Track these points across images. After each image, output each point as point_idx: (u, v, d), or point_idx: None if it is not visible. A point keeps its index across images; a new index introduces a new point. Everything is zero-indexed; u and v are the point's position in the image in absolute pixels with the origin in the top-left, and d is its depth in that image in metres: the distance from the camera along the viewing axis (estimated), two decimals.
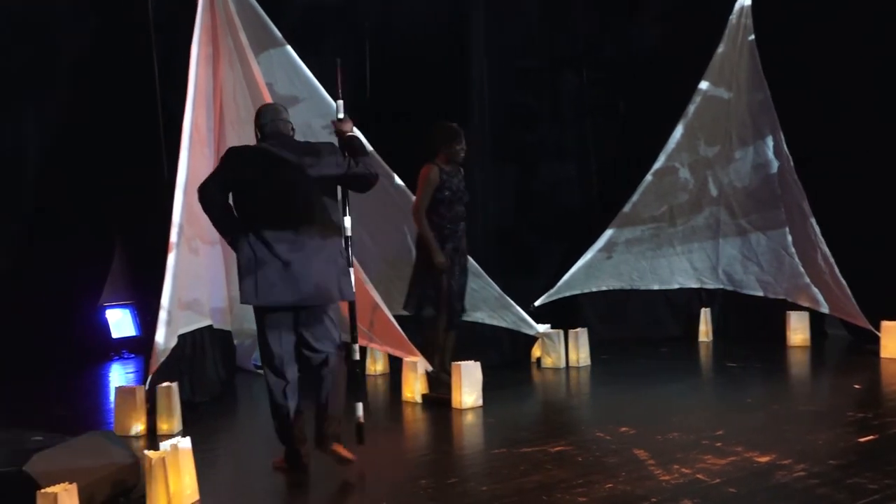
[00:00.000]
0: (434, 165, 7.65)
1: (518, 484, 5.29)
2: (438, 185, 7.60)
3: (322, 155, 5.65)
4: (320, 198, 5.63)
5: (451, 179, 7.67)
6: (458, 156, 7.70)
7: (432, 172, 7.61)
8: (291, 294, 5.47)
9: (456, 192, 7.70)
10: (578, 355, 8.85)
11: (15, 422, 6.97)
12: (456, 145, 7.67)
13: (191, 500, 5.05)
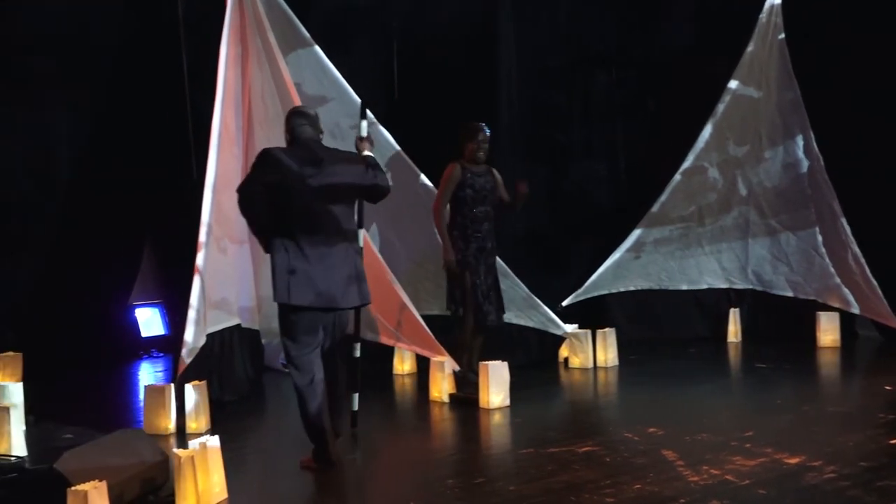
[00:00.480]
0: (457, 164, 7.68)
1: (546, 484, 5.28)
2: (460, 182, 7.62)
3: (349, 162, 5.84)
4: (346, 202, 5.82)
5: (476, 179, 7.68)
6: (477, 153, 7.70)
7: (454, 171, 7.65)
8: (324, 296, 5.60)
9: (479, 192, 7.69)
10: (606, 355, 8.82)
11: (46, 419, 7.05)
12: (473, 142, 7.68)
13: (219, 499, 5.07)
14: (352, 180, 5.77)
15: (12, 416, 6.17)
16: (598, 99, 10.87)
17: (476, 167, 7.72)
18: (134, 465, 5.07)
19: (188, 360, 7.03)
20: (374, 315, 8.20)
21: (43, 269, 9.18)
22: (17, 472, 5.63)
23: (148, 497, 5.12)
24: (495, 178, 7.85)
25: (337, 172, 5.70)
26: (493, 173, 7.86)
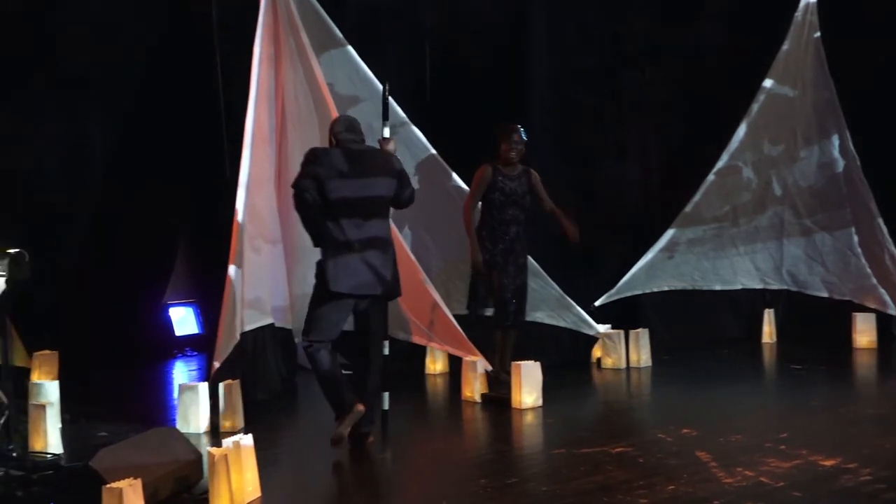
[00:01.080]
0: (489, 165, 7.70)
1: (578, 485, 5.26)
2: (490, 185, 7.65)
3: (385, 165, 6.28)
4: (385, 201, 6.26)
5: (508, 182, 7.68)
6: (509, 153, 7.70)
7: (485, 172, 7.68)
8: (367, 285, 6.09)
9: (509, 196, 7.69)
10: (639, 356, 8.79)
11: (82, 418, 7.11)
12: (505, 144, 7.70)
13: (252, 497, 5.09)
14: (384, 192, 6.24)
15: (48, 414, 6.22)
16: (630, 99, 10.81)
17: (510, 170, 7.72)
18: (168, 463, 5.10)
19: (221, 359, 7.07)
20: (407, 315, 8.21)
21: (78, 268, 9.24)
22: (54, 470, 5.66)
23: (182, 495, 5.15)
24: (531, 181, 7.83)
25: (370, 184, 6.16)
26: (530, 175, 7.85)
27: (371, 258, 6.09)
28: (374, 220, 6.15)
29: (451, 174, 8.49)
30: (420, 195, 8.48)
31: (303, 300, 8.43)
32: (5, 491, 5.29)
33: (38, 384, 7.08)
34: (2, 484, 5.39)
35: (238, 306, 7.40)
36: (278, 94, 8.18)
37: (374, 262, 6.11)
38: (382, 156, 6.37)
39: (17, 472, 5.56)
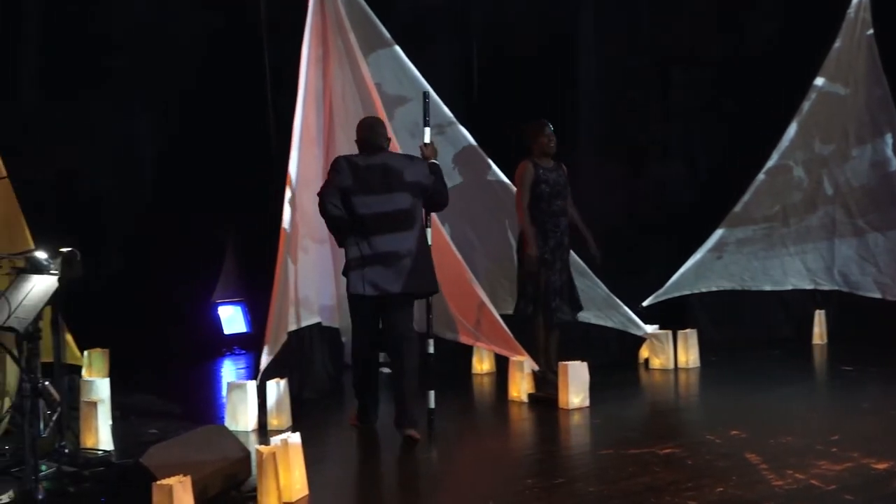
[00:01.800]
0: (528, 161, 7.73)
1: (626, 486, 5.23)
2: (534, 180, 7.65)
3: (413, 164, 6.54)
4: (413, 204, 6.46)
5: (549, 174, 7.71)
6: (549, 146, 7.74)
7: (527, 168, 7.72)
8: (379, 286, 6.32)
9: (554, 186, 7.73)
10: (688, 357, 8.72)
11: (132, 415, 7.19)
12: (542, 137, 7.73)
13: (300, 495, 5.12)
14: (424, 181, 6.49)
15: (99, 411, 6.30)
16: (678, 98, 10.74)
17: (546, 162, 7.75)
18: (217, 460, 5.13)
19: (269, 357, 7.11)
20: (453, 314, 8.21)
21: (128, 267, 9.35)
22: (105, 466, 5.74)
23: (230, 492, 5.19)
24: (565, 175, 7.87)
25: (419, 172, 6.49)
26: (563, 168, 7.89)
27: (388, 260, 6.33)
28: (395, 232, 6.37)
29: (498, 173, 8.48)
30: (466, 194, 8.55)
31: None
32: (58, 487, 5.37)
33: (89, 381, 7.17)
34: (54, 480, 5.47)
35: (286, 305, 7.44)
36: (326, 94, 8.22)
37: (391, 264, 6.33)
38: (407, 164, 6.55)
39: (69, 468, 5.64)
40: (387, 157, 6.53)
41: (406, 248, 6.37)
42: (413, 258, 6.38)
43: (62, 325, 6.26)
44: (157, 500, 4.44)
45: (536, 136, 7.77)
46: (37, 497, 5.01)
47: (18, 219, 7.44)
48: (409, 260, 6.36)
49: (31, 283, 5.47)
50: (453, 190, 8.45)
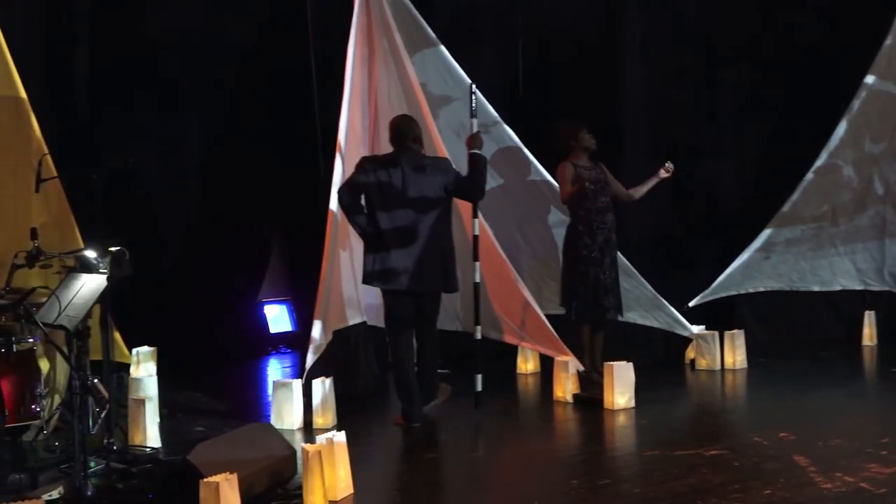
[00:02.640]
0: (567, 162, 7.73)
1: (672, 487, 5.20)
2: (575, 177, 7.64)
3: (435, 171, 6.85)
4: (434, 203, 6.76)
5: (588, 172, 7.71)
6: (589, 143, 7.73)
7: (567, 167, 7.72)
8: (407, 283, 6.72)
9: (597, 183, 7.73)
10: (734, 358, 8.64)
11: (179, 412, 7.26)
12: (582, 135, 7.72)
13: (345, 494, 5.14)
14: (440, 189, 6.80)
15: (147, 409, 6.36)
16: (725, 97, 10.64)
17: (583, 162, 7.73)
18: (263, 458, 5.17)
19: (314, 356, 7.15)
20: (498, 314, 8.21)
21: (175, 266, 9.43)
22: (152, 463, 5.80)
23: (276, 490, 5.22)
24: (604, 171, 7.84)
25: (422, 182, 6.76)
26: (601, 167, 7.86)
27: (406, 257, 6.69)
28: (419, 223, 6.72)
29: (543, 173, 8.46)
30: (511, 194, 8.54)
31: None
32: (106, 483, 5.43)
33: (137, 379, 7.24)
34: (103, 476, 5.54)
35: (331, 304, 7.47)
36: (371, 94, 8.25)
37: (410, 260, 6.69)
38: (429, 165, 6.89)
39: (117, 464, 5.71)
40: (412, 158, 6.84)
41: (421, 245, 6.71)
42: (428, 256, 6.72)
43: (111, 324, 6.33)
44: (203, 497, 4.48)
45: (576, 136, 7.74)
46: (86, 493, 5.08)
47: (68, 218, 7.54)
48: (431, 252, 6.72)
49: (81, 282, 5.54)
50: (498, 189, 8.48)
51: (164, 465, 5.72)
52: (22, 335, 6.14)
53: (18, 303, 5.60)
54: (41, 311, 5.46)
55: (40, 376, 6.16)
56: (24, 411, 6.06)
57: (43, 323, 5.34)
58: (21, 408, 6.04)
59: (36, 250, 6.16)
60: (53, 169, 7.10)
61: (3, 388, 5.82)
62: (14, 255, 6.41)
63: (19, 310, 5.73)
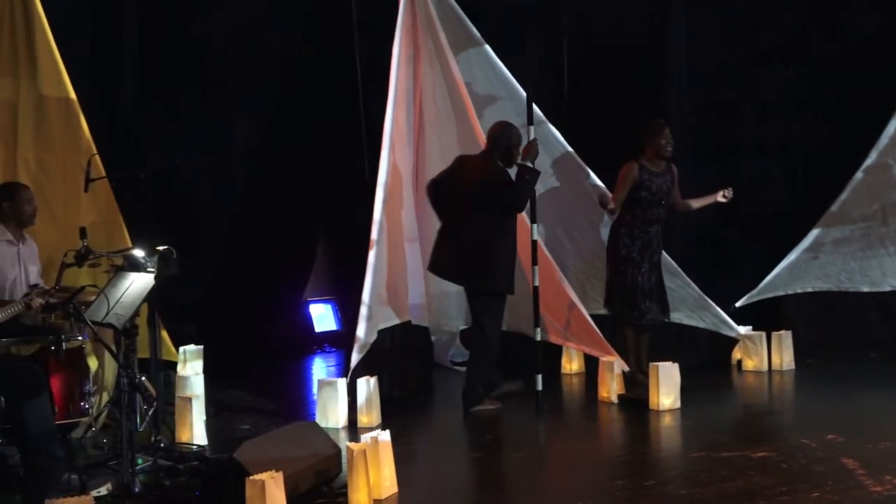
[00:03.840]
0: (635, 163, 7.57)
1: (718, 489, 5.16)
2: (637, 183, 7.52)
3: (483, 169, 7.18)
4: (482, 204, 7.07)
5: (654, 180, 7.56)
6: (664, 150, 7.59)
7: (632, 170, 7.55)
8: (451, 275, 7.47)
9: (656, 194, 7.59)
10: (782, 359, 8.55)
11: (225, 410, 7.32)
12: (660, 139, 7.56)
13: (390, 492, 5.15)
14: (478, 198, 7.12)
15: (194, 407, 6.42)
16: (773, 95, 10.56)
17: (655, 165, 7.61)
18: (308, 456, 5.19)
19: (359, 355, 7.17)
20: (543, 314, 8.17)
21: (222, 266, 9.51)
22: (199, 461, 5.84)
23: (321, 488, 5.24)
24: (674, 177, 7.74)
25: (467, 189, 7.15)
26: (673, 171, 7.75)
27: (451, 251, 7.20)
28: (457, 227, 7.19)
29: (589, 172, 8.42)
30: (556, 194, 8.51)
31: (439, 298, 8.53)
32: (153, 480, 5.48)
33: (184, 377, 7.31)
34: (150, 473, 5.59)
35: (377, 304, 7.49)
36: (416, 94, 8.26)
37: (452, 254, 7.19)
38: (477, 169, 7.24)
39: (164, 462, 5.77)
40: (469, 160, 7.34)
41: (464, 244, 7.12)
42: (470, 255, 7.09)
43: (158, 322, 6.39)
44: (250, 494, 4.50)
45: (653, 137, 7.59)
46: (133, 490, 5.13)
47: (117, 218, 7.62)
48: (470, 248, 7.08)
49: (129, 281, 5.60)
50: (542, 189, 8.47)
51: (211, 462, 5.76)
52: (71, 333, 6.24)
53: (68, 301, 5.66)
54: (90, 309, 5.52)
55: (89, 374, 6.24)
56: (74, 409, 6.14)
57: (92, 321, 5.40)
58: (70, 405, 6.12)
59: (85, 249, 6.23)
60: (102, 169, 7.19)
61: (53, 386, 5.90)
62: (64, 254, 6.50)
63: (69, 308, 5.79)
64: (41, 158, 7.53)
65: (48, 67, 7.51)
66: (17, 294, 5.89)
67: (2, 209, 6.47)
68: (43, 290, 5.49)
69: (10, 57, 7.47)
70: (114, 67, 8.96)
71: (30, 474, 5.11)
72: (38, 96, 7.49)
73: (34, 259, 6.63)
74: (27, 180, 7.11)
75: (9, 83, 7.46)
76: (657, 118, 7.80)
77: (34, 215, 6.57)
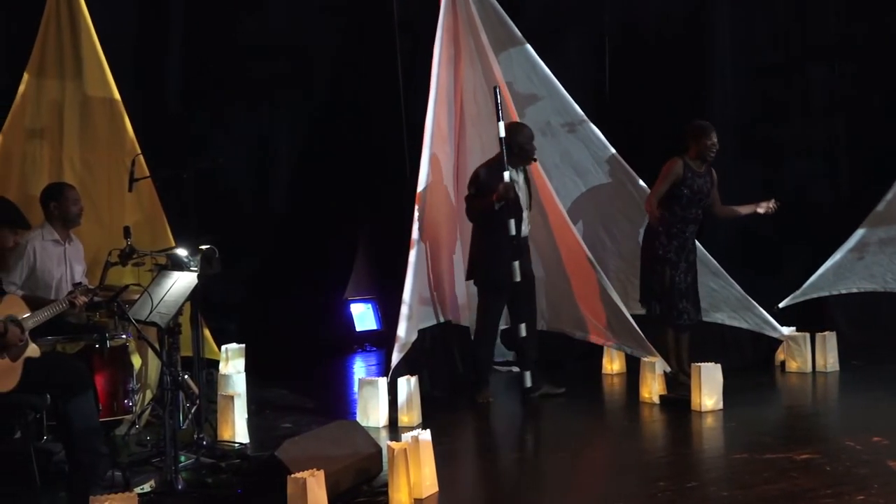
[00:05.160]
0: (679, 160, 7.57)
1: (761, 491, 5.11)
2: (679, 180, 7.51)
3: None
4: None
5: (696, 179, 7.55)
6: (708, 152, 7.56)
7: (676, 166, 7.54)
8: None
9: (696, 194, 7.56)
10: (826, 360, 8.45)
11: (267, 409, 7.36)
12: (706, 140, 7.55)
13: (430, 492, 5.15)
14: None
15: (236, 405, 6.45)
16: (817, 94, 10.45)
17: (698, 166, 7.60)
18: (349, 455, 5.20)
19: (400, 355, 7.18)
20: (584, 314, 8.15)
21: (264, 265, 9.56)
22: (241, 458, 5.88)
23: (362, 487, 5.25)
24: (713, 181, 7.71)
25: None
26: (713, 174, 7.72)
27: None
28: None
29: (630, 171, 8.38)
30: (597, 193, 8.49)
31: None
32: (196, 477, 5.52)
33: (226, 376, 7.36)
34: (193, 470, 5.64)
35: (417, 303, 7.50)
36: (457, 93, 8.27)
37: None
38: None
39: (207, 459, 5.81)
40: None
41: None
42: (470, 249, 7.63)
43: (201, 321, 6.44)
44: (291, 492, 4.52)
45: (699, 138, 7.59)
46: (176, 487, 5.17)
47: (160, 217, 7.69)
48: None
49: (172, 280, 5.64)
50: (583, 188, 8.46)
51: (253, 460, 5.79)
52: (115, 331, 6.31)
53: (112, 300, 5.72)
54: (134, 307, 5.57)
55: (133, 372, 6.30)
56: (118, 406, 6.21)
57: (135, 319, 5.45)
58: (114, 402, 6.19)
59: (129, 248, 6.31)
60: (146, 169, 7.25)
61: (98, 384, 5.96)
62: (108, 253, 6.58)
63: (113, 307, 5.86)
64: (86, 158, 7.60)
65: (93, 68, 7.59)
66: (63, 293, 5.95)
67: (49, 209, 6.56)
68: (86, 289, 5.55)
69: (56, 58, 7.55)
70: (158, 68, 9.04)
71: (74, 471, 5.16)
72: (83, 97, 7.57)
73: (80, 258, 6.71)
74: (73, 180, 7.19)
75: (55, 84, 7.55)
76: (703, 119, 7.76)
77: (80, 215, 6.66)
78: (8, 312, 5.01)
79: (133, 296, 5.96)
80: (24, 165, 7.42)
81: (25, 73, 7.47)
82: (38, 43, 7.53)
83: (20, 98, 7.45)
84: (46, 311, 5.29)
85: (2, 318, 4.90)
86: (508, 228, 7.25)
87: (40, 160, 7.47)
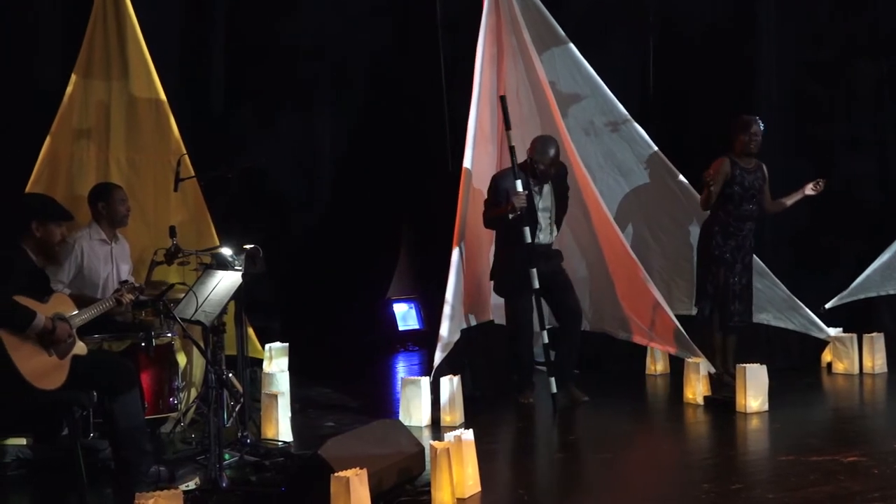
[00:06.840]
0: (726, 158, 7.53)
1: (807, 494, 5.05)
2: (728, 179, 7.47)
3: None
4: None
5: (745, 176, 7.51)
6: (749, 145, 7.52)
7: (724, 165, 7.52)
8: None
9: (748, 190, 7.53)
10: (873, 361, 8.35)
11: (310, 408, 7.39)
12: (747, 132, 7.50)
13: (473, 492, 5.15)
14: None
15: (280, 404, 6.48)
16: (866, 91, 10.32)
17: (746, 162, 7.54)
18: (392, 454, 5.21)
19: (442, 354, 7.18)
20: (627, 314, 8.11)
21: (308, 264, 9.60)
22: (284, 457, 5.91)
23: (404, 486, 5.25)
24: (764, 176, 7.65)
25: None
26: (763, 169, 7.66)
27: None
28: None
29: (675, 171, 8.33)
30: (642, 193, 8.45)
31: None
32: (240, 475, 5.56)
33: (270, 374, 7.39)
34: (237, 468, 5.68)
35: (459, 303, 7.51)
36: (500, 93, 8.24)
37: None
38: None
39: (251, 457, 5.84)
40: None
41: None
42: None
43: (245, 320, 6.48)
44: (334, 491, 4.54)
45: (740, 134, 7.57)
46: (221, 484, 5.20)
47: (205, 216, 7.74)
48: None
49: (217, 279, 5.68)
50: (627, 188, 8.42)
51: (296, 458, 5.82)
52: (161, 330, 6.36)
53: (157, 298, 5.78)
54: (179, 306, 5.62)
55: (178, 370, 6.36)
56: (163, 404, 6.27)
57: (180, 318, 5.50)
58: (160, 400, 6.25)
59: (174, 248, 6.36)
60: (191, 169, 7.31)
61: (143, 382, 6.02)
62: (154, 253, 6.64)
63: (158, 305, 5.91)
64: (132, 159, 7.67)
65: (139, 69, 7.65)
66: (109, 292, 6.00)
67: (96, 209, 6.63)
68: (132, 287, 5.60)
69: (103, 59, 7.62)
70: (203, 68, 9.10)
71: (120, 468, 5.21)
72: (129, 98, 7.64)
73: (126, 258, 6.78)
74: (119, 180, 7.26)
75: (101, 85, 7.61)
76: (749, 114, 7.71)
77: (127, 216, 6.72)
78: (56, 310, 5.07)
79: (178, 294, 6.01)
80: (72, 166, 7.49)
81: (73, 75, 7.54)
82: (85, 44, 7.60)
83: (67, 99, 7.52)
84: (93, 309, 5.35)
85: (50, 316, 4.96)
86: (524, 236, 7.18)
87: (87, 161, 7.54)
